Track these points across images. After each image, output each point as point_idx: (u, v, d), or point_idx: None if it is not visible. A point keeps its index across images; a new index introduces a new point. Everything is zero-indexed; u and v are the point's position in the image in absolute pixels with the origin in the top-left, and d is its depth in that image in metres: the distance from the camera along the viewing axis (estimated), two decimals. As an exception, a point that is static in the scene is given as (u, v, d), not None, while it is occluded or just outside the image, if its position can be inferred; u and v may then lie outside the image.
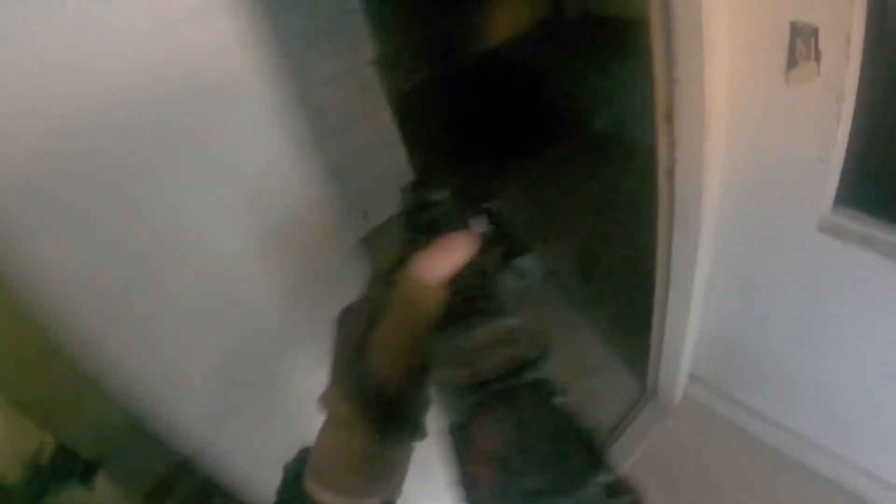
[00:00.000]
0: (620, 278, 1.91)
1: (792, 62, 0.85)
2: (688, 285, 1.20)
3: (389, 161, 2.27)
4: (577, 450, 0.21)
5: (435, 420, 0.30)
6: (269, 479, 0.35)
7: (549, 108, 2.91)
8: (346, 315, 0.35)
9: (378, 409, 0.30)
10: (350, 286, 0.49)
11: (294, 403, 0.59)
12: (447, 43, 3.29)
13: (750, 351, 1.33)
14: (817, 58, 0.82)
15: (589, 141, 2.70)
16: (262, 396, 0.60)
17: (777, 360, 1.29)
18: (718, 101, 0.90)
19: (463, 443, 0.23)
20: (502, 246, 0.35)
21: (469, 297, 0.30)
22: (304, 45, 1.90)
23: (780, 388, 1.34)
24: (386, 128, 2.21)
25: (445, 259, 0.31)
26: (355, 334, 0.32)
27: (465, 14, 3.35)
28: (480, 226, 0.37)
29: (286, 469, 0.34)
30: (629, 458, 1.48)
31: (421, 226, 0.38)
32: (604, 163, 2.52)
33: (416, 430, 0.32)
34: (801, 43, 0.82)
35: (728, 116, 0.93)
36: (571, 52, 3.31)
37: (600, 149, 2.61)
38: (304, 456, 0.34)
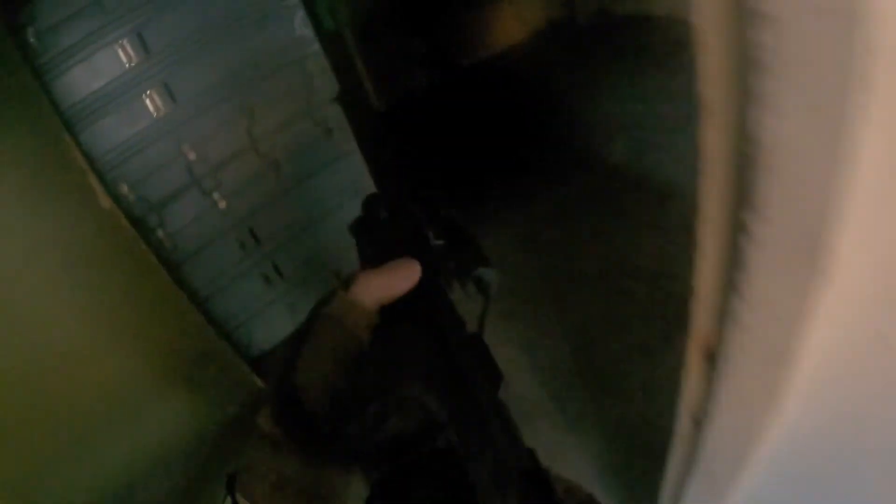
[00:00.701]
0: (627, 387, 1.41)
1: None
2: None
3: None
4: None
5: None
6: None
7: (552, 133, 2.30)
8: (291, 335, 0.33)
9: (300, 426, 0.28)
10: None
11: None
12: (433, 53, 2.65)
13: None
14: None
15: (602, 180, 2.10)
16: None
17: None
18: (812, 362, 0.40)
19: None
20: (460, 257, 0.33)
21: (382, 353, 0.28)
22: (245, 86, 1.45)
23: None
24: (355, 174, 1.75)
25: (384, 284, 0.30)
26: (289, 351, 0.30)
27: (458, 17, 2.67)
28: (436, 238, 0.36)
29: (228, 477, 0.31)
30: None
31: (371, 245, 0.36)
32: (621, 212, 1.93)
33: (346, 454, 0.28)
34: None
35: (822, 377, 0.42)
36: (584, 62, 2.58)
37: (617, 192, 2.01)
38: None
